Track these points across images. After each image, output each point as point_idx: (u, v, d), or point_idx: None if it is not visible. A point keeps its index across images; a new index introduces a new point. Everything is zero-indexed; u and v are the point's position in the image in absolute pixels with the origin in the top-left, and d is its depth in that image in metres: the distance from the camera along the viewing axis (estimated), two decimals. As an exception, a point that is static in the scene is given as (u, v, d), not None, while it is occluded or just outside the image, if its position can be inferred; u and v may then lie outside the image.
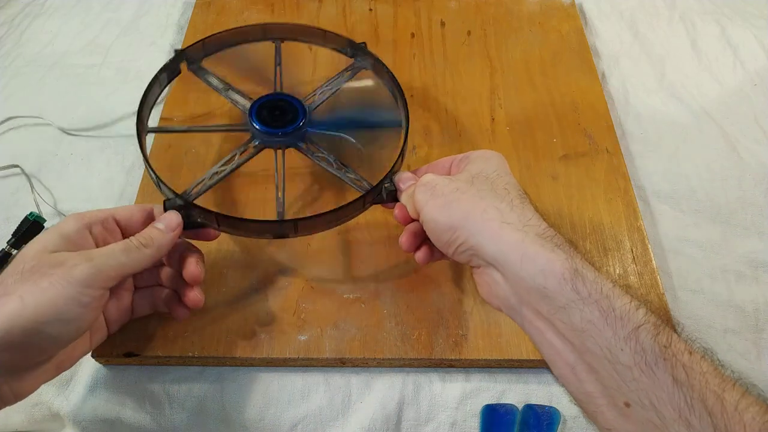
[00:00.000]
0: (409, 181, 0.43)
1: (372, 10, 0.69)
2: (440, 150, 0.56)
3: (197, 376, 0.46)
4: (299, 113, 0.49)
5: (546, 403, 0.45)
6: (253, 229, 0.43)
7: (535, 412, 0.45)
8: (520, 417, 0.45)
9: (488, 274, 0.37)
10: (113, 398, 0.45)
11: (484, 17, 0.69)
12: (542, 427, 0.44)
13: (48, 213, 0.53)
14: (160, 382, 0.45)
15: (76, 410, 0.44)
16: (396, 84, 0.51)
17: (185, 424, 0.45)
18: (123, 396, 0.45)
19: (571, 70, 0.64)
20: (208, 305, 0.46)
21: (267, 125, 0.48)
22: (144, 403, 0.45)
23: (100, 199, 0.55)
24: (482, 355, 0.45)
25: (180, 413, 0.45)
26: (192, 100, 0.60)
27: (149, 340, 0.45)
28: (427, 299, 0.47)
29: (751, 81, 0.66)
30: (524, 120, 0.59)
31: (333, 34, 0.54)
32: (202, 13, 0.68)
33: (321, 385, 0.46)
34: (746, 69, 0.67)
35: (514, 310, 0.36)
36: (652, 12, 0.73)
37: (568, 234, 0.51)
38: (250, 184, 0.54)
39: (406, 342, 0.45)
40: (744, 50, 0.69)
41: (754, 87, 0.65)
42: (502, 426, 0.44)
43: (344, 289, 0.48)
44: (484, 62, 0.64)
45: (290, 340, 0.45)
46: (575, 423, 0.45)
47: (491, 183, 0.39)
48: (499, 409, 0.45)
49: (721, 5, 0.74)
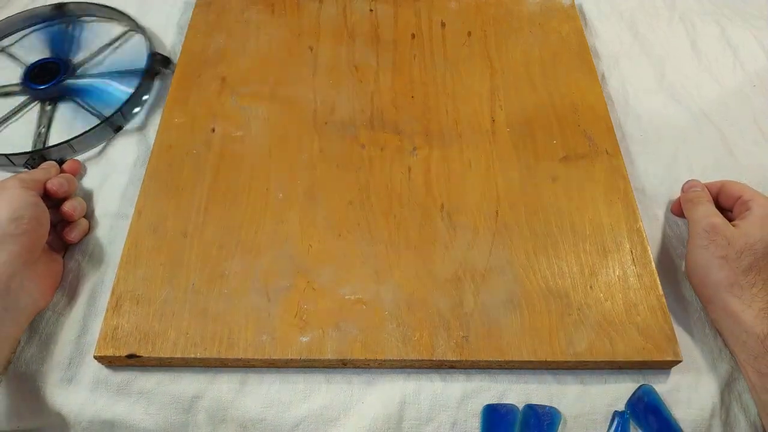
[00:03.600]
0: (696, 189, 0.53)
1: (372, 10, 0.69)
2: (440, 151, 0.57)
3: (197, 376, 0.46)
4: (61, 70, 0.62)
5: (546, 403, 0.46)
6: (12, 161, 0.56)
7: (536, 413, 0.45)
8: (520, 417, 0.45)
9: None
10: (113, 399, 0.45)
11: (485, 18, 0.69)
12: (543, 427, 0.44)
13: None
14: (161, 383, 0.45)
15: (78, 410, 0.44)
16: (148, 38, 0.65)
17: (184, 425, 0.45)
18: (123, 396, 0.45)
19: (571, 71, 0.64)
20: (209, 306, 0.47)
21: (33, 82, 0.61)
22: (144, 403, 0.45)
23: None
24: (483, 356, 0.45)
25: (180, 414, 0.45)
26: (192, 101, 0.60)
27: (151, 342, 0.45)
28: (428, 300, 0.48)
29: (750, 82, 0.66)
30: (524, 121, 0.59)
31: (107, 8, 0.68)
32: (202, 14, 0.67)
33: (322, 385, 0.46)
34: (746, 70, 0.67)
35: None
36: (652, 13, 0.73)
37: (568, 236, 0.51)
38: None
39: (408, 343, 0.46)
40: (744, 51, 0.69)
41: (753, 88, 0.65)
42: (503, 426, 0.44)
43: (345, 290, 0.48)
44: (484, 63, 0.64)
45: (292, 342, 0.45)
46: (575, 423, 0.45)
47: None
48: (499, 409, 0.45)
49: (721, 6, 0.74)
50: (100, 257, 0.51)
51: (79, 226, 0.52)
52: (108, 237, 0.52)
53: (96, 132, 0.58)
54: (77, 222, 0.52)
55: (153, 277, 0.48)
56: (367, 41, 0.66)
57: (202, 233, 0.51)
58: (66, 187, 0.51)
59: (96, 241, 0.52)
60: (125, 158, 0.58)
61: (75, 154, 0.58)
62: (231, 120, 0.58)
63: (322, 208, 0.53)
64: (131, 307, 0.47)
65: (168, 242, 0.50)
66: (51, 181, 0.51)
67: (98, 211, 0.54)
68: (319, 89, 0.61)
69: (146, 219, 0.51)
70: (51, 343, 0.47)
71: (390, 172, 0.55)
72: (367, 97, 0.61)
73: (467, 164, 0.56)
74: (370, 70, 0.63)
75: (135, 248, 0.50)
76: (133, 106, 0.61)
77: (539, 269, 0.50)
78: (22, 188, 0.47)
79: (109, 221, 0.53)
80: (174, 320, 0.46)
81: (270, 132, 0.58)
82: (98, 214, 0.54)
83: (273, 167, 0.55)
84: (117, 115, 0.59)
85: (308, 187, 0.54)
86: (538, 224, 0.52)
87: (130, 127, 0.60)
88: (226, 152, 0.56)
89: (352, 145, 0.57)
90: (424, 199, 0.53)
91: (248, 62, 0.63)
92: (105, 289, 0.49)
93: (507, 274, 0.49)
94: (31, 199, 0.47)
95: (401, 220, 0.52)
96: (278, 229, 0.51)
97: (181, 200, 0.53)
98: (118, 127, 0.59)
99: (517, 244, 0.51)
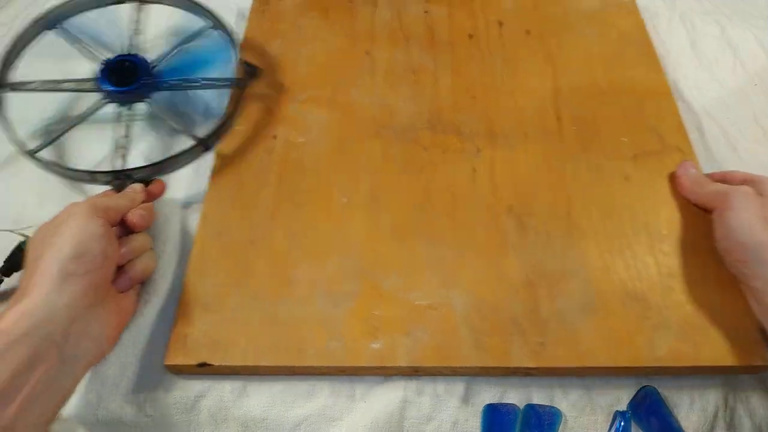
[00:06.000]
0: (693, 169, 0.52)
1: (427, 12, 0.68)
2: (505, 152, 0.55)
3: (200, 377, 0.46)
4: (141, 72, 0.55)
5: (547, 402, 0.45)
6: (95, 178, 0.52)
7: (537, 412, 0.44)
8: (521, 416, 0.44)
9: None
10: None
11: (542, 16, 0.67)
12: (543, 427, 0.44)
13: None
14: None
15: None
16: (233, 43, 0.58)
17: (186, 424, 0.45)
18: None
19: (635, 67, 0.62)
20: (277, 313, 0.46)
21: (111, 83, 0.55)
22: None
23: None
24: (561, 362, 0.44)
25: (182, 414, 0.45)
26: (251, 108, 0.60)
27: (222, 350, 0.45)
28: (500, 306, 0.46)
29: (751, 81, 0.64)
30: (591, 119, 0.57)
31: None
32: (257, 20, 0.68)
33: (324, 383, 0.45)
34: (746, 69, 0.66)
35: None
36: (652, 12, 0.71)
37: (643, 236, 0.50)
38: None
39: (482, 350, 0.44)
40: (744, 50, 0.67)
41: (754, 87, 0.64)
42: (504, 425, 0.44)
43: (414, 296, 0.47)
44: (545, 61, 0.63)
45: (363, 349, 0.44)
46: (576, 423, 0.44)
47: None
48: (500, 408, 0.44)
49: (721, 5, 0.73)
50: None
51: (143, 263, 0.47)
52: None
53: (187, 152, 0.53)
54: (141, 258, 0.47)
55: (221, 284, 0.48)
56: (423, 44, 0.65)
57: (269, 240, 0.50)
58: (147, 220, 0.47)
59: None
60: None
61: (161, 173, 0.54)
62: (292, 126, 0.58)
63: (386, 213, 0.52)
64: (200, 315, 0.46)
65: (235, 249, 0.50)
66: (133, 212, 0.46)
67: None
68: (377, 93, 0.61)
69: (212, 226, 0.51)
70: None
71: (454, 175, 0.54)
72: (426, 100, 0.60)
73: (534, 164, 0.54)
74: (428, 73, 0.62)
75: (202, 255, 0.50)
76: (228, 126, 0.57)
77: (615, 271, 0.48)
78: (90, 216, 0.41)
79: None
80: (243, 328, 0.46)
81: (331, 137, 0.57)
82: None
83: (335, 172, 0.55)
84: (211, 136, 0.54)
85: (372, 192, 0.53)
86: (612, 225, 0.50)
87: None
88: (289, 159, 0.56)
89: (414, 149, 0.56)
90: (490, 201, 0.52)
91: (306, 68, 0.63)
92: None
93: (582, 278, 0.47)
94: (99, 230, 0.41)
95: (467, 222, 0.51)
96: (343, 234, 0.51)
97: (246, 207, 0.52)
98: (207, 146, 0.55)
99: (590, 246, 0.49)
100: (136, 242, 0.46)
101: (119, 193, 0.49)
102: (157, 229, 0.52)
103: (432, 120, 0.58)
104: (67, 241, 0.40)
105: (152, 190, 0.52)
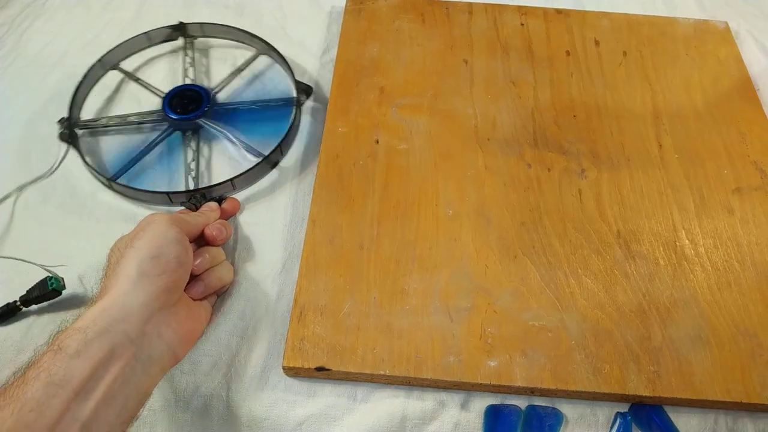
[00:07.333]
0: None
1: (524, 25, 0.68)
2: (610, 174, 0.55)
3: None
4: (203, 100, 0.59)
5: (549, 404, 0.45)
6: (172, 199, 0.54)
7: (538, 413, 0.45)
8: (523, 417, 0.45)
9: None
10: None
11: (639, 38, 0.67)
12: (545, 428, 0.44)
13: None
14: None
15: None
16: (287, 66, 0.63)
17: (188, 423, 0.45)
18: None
19: (734, 99, 0.62)
20: (392, 322, 0.46)
21: (174, 112, 0.58)
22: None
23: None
24: (676, 393, 0.44)
25: (184, 413, 0.45)
26: (353, 110, 0.59)
27: (339, 356, 0.45)
28: (614, 332, 0.47)
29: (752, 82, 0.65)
30: (692, 148, 0.58)
31: (235, 29, 0.66)
32: (353, 21, 0.67)
33: (326, 384, 0.46)
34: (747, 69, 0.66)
35: None
36: (652, 11, 0.72)
37: (750, 272, 0.50)
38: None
39: (598, 376, 0.44)
40: (744, 50, 0.68)
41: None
42: (506, 426, 0.44)
43: (528, 316, 0.47)
44: (643, 85, 0.63)
45: (480, 365, 0.45)
46: (577, 424, 0.45)
47: None
48: (502, 409, 0.45)
49: (721, 5, 0.74)
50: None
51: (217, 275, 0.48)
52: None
53: (256, 169, 0.56)
54: (214, 269, 0.48)
55: (334, 289, 0.48)
56: (521, 56, 0.65)
57: (378, 246, 0.50)
58: (224, 234, 0.49)
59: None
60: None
61: (233, 191, 0.56)
62: (393, 132, 0.58)
63: (494, 228, 0.52)
64: (315, 318, 0.47)
65: (345, 254, 0.50)
66: (210, 226, 0.49)
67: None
68: (477, 103, 0.60)
69: (321, 229, 0.51)
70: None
71: (560, 194, 0.54)
72: (527, 114, 0.60)
73: (639, 190, 0.54)
74: (528, 86, 0.62)
75: (313, 258, 0.50)
76: (291, 141, 0.60)
77: (724, 305, 0.48)
78: (168, 224, 0.43)
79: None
80: (360, 334, 0.46)
81: (433, 145, 0.57)
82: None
83: (440, 182, 0.55)
84: (275, 152, 0.57)
85: (477, 205, 0.53)
86: (719, 258, 0.51)
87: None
88: (392, 164, 0.56)
89: (517, 164, 0.56)
90: (598, 224, 0.52)
91: (404, 73, 0.63)
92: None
93: (692, 309, 0.48)
94: (176, 236, 0.43)
95: (577, 244, 0.51)
96: (452, 247, 0.51)
97: (353, 212, 0.52)
98: (275, 162, 0.58)
99: (699, 277, 0.50)
100: (210, 254, 0.48)
101: (196, 211, 0.52)
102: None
103: (535, 135, 0.58)
104: (146, 244, 0.41)
105: (227, 207, 0.54)
